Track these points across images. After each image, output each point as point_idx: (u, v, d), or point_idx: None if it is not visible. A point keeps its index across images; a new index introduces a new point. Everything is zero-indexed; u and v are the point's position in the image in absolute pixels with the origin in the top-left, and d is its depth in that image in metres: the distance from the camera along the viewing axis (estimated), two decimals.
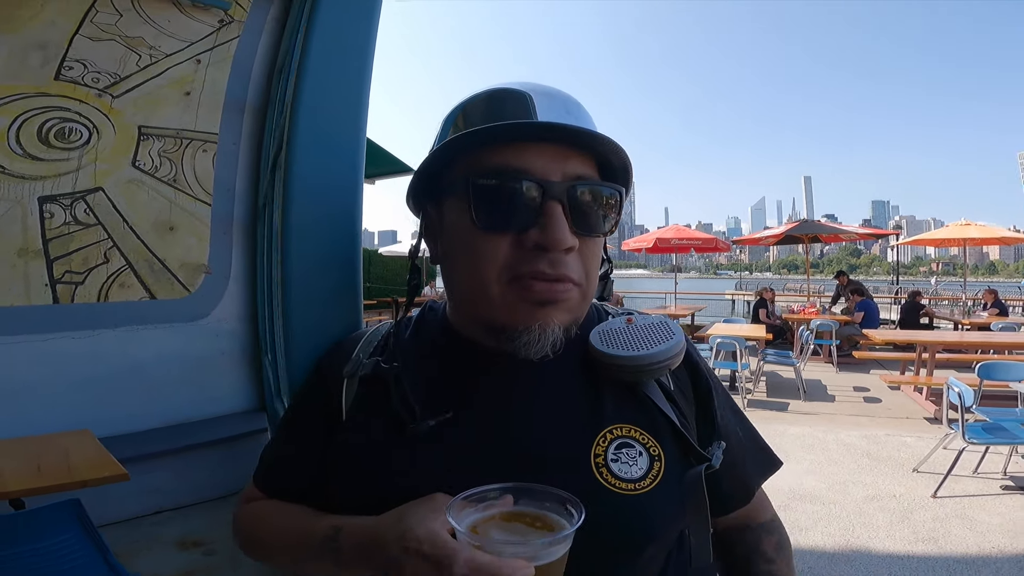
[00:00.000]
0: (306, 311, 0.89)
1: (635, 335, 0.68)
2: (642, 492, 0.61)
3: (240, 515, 0.75)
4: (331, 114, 0.84)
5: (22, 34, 1.32)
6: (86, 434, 1.72)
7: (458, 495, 0.51)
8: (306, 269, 0.89)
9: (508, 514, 0.51)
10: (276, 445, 0.77)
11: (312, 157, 0.86)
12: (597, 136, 0.61)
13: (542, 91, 0.65)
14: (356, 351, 0.73)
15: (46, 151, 1.51)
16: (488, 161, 0.61)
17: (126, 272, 1.79)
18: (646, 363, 0.64)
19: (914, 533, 3.11)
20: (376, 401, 0.67)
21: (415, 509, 0.53)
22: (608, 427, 0.64)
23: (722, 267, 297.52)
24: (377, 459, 0.64)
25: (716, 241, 12.47)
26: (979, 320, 8.82)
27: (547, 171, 0.60)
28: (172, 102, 1.60)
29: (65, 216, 1.60)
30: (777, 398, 6.20)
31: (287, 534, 0.66)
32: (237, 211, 2.03)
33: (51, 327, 1.72)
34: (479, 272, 0.61)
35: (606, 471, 0.61)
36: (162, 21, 1.47)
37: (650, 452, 0.63)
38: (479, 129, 0.60)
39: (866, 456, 4.31)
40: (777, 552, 0.78)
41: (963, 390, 3.45)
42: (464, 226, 0.62)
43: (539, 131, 0.61)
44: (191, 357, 2.20)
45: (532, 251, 0.60)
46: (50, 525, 1.50)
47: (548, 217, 0.59)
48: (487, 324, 0.65)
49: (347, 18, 0.84)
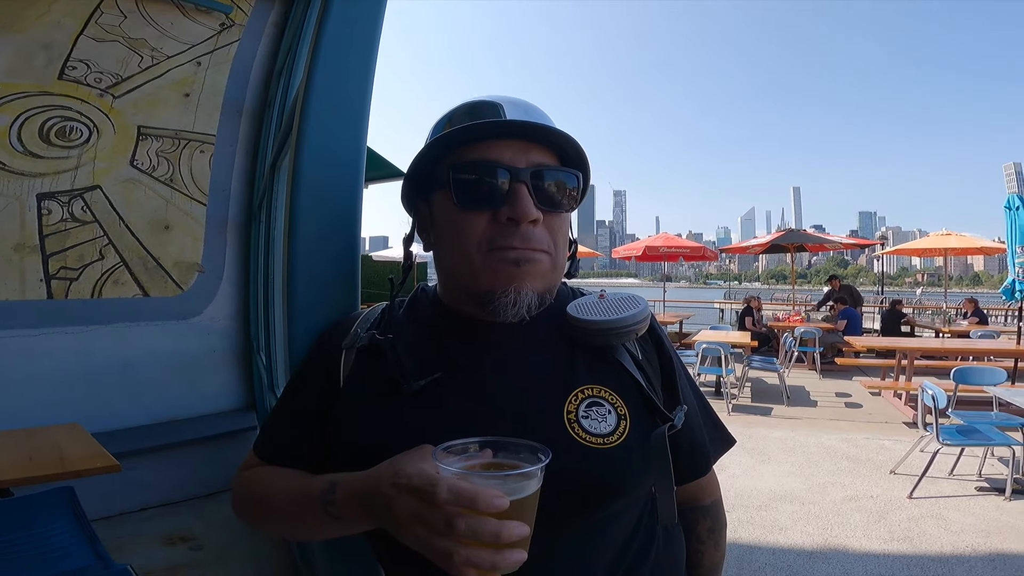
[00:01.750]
0: (308, 308, 0.95)
1: (606, 306, 0.78)
2: (611, 446, 0.68)
3: (238, 481, 0.80)
4: (337, 118, 0.90)
5: (28, 34, 1.36)
6: (76, 428, 1.74)
7: (441, 444, 0.57)
8: (310, 267, 0.95)
9: (487, 464, 0.57)
10: (277, 415, 0.83)
11: (315, 163, 0.92)
12: (552, 131, 0.73)
13: (510, 100, 0.78)
14: (355, 326, 0.81)
15: (46, 149, 1.55)
16: (466, 156, 0.73)
17: (120, 269, 1.83)
18: (614, 326, 0.73)
19: (890, 532, 3.19)
20: (372, 369, 0.74)
21: (406, 456, 0.60)
22: (580, 387, 0.72)
23: (711, 277, 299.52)
24: (371, 417, 0.71)
25: (704, 250, 12.61)
26: (959, 328, 8.99)
27: (514, 160, 0.72)
28: (171, 103, 1.64)
29: (62, 213, 1.64)
30: (761, 403, 6.30)
31: (284, 493, 0.71)
32: (232, 212, 2.07)
33: (45, 322, 1.75)
34: (463, 245, 0.72)
35: (577, 426, 0.68)
36: (165, 23, 1.52)
37: (617, 411, 0.71)
38: (456, 129, 0.72)
39: (845, 458, 4.40)
40: (708, 534, 0.87)
41: (937, 393, 3.55)
42: (450, 210, 0.73)
43: (506, 128, 0.72)
44: (182, 355, 2.23)
45: (505, 225, 0.70)
46: (41, 512, 1.52)
47: (516, 195, 0.70)
48: (472, 292, 0.73)
49: (353, 25, 0.90)
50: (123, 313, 1.91)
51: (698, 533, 0.86)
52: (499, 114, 0.75)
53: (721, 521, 0.88)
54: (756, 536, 3.18)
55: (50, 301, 1.70)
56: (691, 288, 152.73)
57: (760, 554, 2.98)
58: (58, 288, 1.67)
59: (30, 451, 1.61)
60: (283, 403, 0.82)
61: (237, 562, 2.39)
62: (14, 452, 1.63)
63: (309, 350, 0.85)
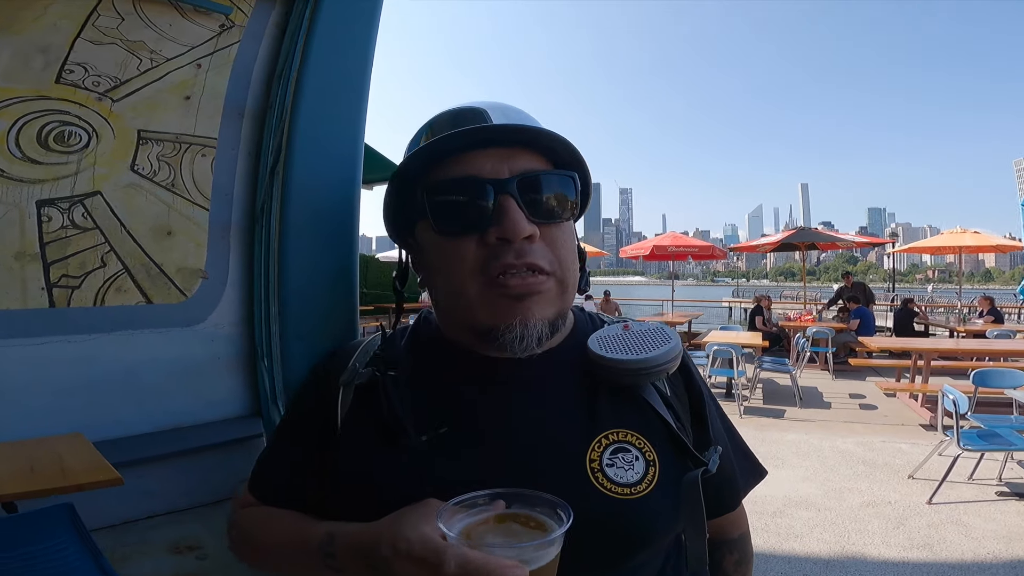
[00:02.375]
0: (302, 318, 0.89)
1: (632, 340, 0.69)
2: (638, 496, 0.61)
3: (235, 520, 0.75)
4: (329, 121, 0.85)
5: (25, 37, 1.33)
6: (79, 438, 1.71)
7: (449, 501, 0.52)
8: (302, 277, 0.90)
9: (501, 515, 0.51)
10: (271, 452, 0.78)
11: (310, 164, 0.86)
12: (534, 130, 0.64)
13: (489, 104, 0.68)
14: (352, 360, 0.74)
15: (45, 155, 1.51)
16: (439, 176, 0.65)
17: (123, 276, 1.79)
18: (644, 366, 0.65)
19: (909, 540, 3.12)
20: (371, 410, 0.67)
21: (408, 515, 0.54)
22: (604, 432, 0.65)
23: (719, 274, 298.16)
24: (371, 465, 0.64)
25: (713, 249, 12.52)
26: (975, 327, 8.84)
27: (496, 171, 0.63)
28: (172, 106, 1.61)
29: (63, 220, 1.60)
30: (773, 405, 6.21)
31: (282, 540, 0.67)
32: (235, 216, 2.03)
33: (47, 331, 1.72)
34: (453, 277, 0.64)
35: (601, 476, 0.62)
36: (163, 25, 1.48)
37: (646, 456, 0.64)
38: (422, 148, 0.63)
39: (862, 463, 4.32)
40: (735, 568, 0.80)
41: (957, 397, 3.46)
42: (433, 240, 0.66)
43: (480, 135, 0.64)
44: (187, 362, 2.20)
45: (497, 246, 0.62)
46: (44, 529, 1.49)
47: (502, 211, 0.62)
48: (472, 328, 0.66)
49: (347, 25, 0.85)
50: (126, 321, 1.87)
51: (725, 569, 0.79)
52: (483, 121, 0.66)
53: (748, 555, 0.82)
54: (771, 544, 3.11)
55: (52, 310, 1.66)
56: (699, 286, 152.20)
57: (775, 563, 2.91)
58: (60, 296, 1.64)
59: (32, 463, 1.58)
60: (278, 440, 0.77)
61: (243, 571, 2.36)
62: (16, 464, 1.60)
63: (305, 383, 0.79)
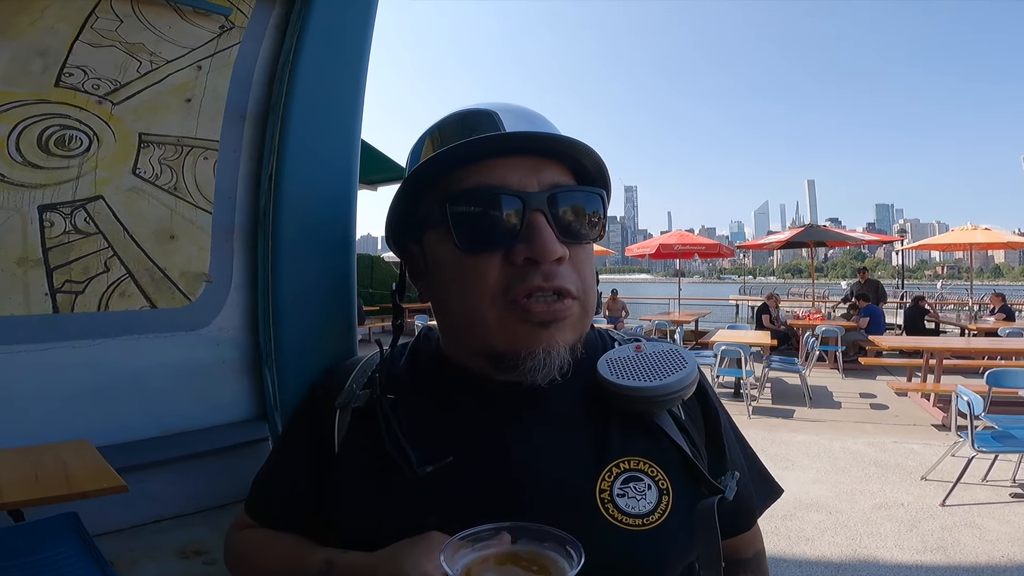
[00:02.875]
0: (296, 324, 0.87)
1: (645, 363, 0.66)
2: (650, 527, 0.59)
3: (232, 543, 0.73)
4: (322, 123, 0.82)
5: (23, 40, 1.31)
6: (84, 444, 1.71)
7: (453, 536, 0.49)
8: (296, 284, 0.87)
9: (504, 555, 0.48)
10: (268, 474, 0.75)
11: (302, 167, 0.84)
12: (567, 141, 0.59)
13: (506, 108, 0.64)
14: (349, 381, 0.71)
15: (46, 159, 1.50)
16: (461, 183, 0.59)
17: (126, 281, 1.78)
18: (659, 394, 0.62)
19: (923, 542, 3.07)
20: (370, 436, 0.64)
21: (409, 550, 0.52)
22: (615, 460, 0.62)
23: (725, 271, 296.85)
24: (373, 500, 0.62)
25: (720, 247, 12.44)
26: (986, 325, 8.74)
27: (524, 183, 0.59)
28: (173, 109, 1.59)
29: (65, 225, 1.59)
30: (782, 405, 6.16)
31: (279, 565, 0.65)
32: (238, 219, 2.02)
33: (51, 336, 1.71)
34: (471, 298, 0.59)
35: (612, 507, 0.59)
36: (163, 27, 1.46)
37: (659, 485, 0.61)
38: (444, 150, 0.58)
39: (873, 464, 4.26)
40: None
41: (972, 399, 3.41)
42: (449, 254, 0.60)
43: (509, 142, 0.59)
44: (192, 366, 2.19)
45: (523, 267, 0.58)
46: (48, 537, 1.48)
47: (533, 229, 0.57)
48: (487, 353, 0.62)
49: (339, 25, 0.82)
50: (130, 325, 1.86)
51: None
52: (496, 126, 0.61)
53: (763, 573, 0.79)
54: (781, 547, 3.07)
55: (56, 315, 1.65)
56: (705, 283, 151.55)
57: (786, 567, 2.87)
58: (64, 302, 1.63)
59: (36, 470, 1.58)
60: (275, 462, 0.75)
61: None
62: (21, 471, 1.60)
63: (302, 401, 0.76)
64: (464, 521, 0.51)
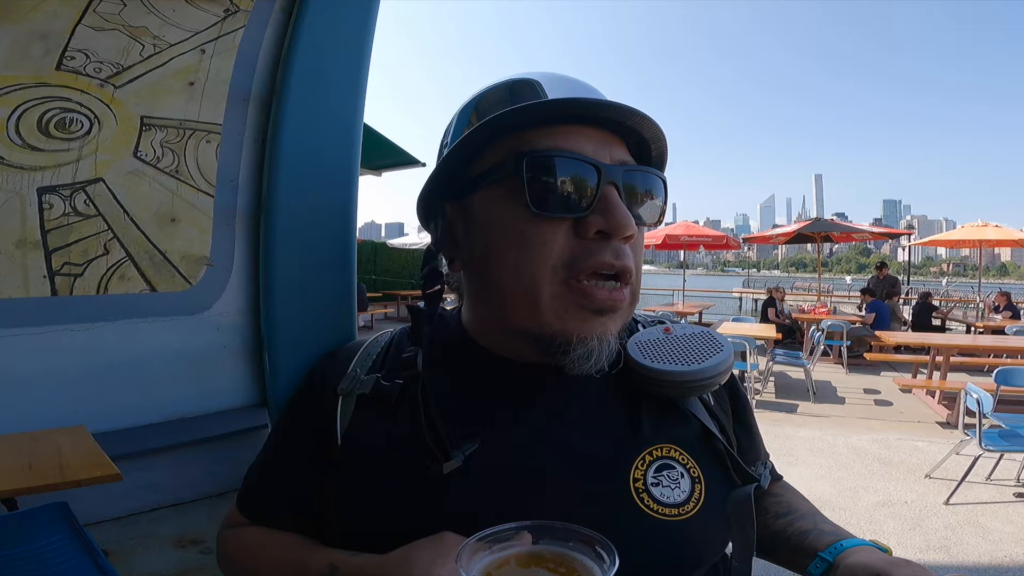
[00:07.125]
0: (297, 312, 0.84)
1: (677, 346, 0.62)
2: (686, 517, 0.56)
3: (224, 542, 0.70)
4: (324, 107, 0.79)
5: (24, 24, 1.29)
6: (81, 430, 1.69)
7: (470, 537, 0.44)
8: (296, 269, 0.84)
9: (526, 557, 0.44)
10: (262, 468, 0.72)
11: (304, 151, 0.81)
12: (645, 118, 0.56)
13: (555, 77, 0.60)
14: (352, 365, 0.67)
15: (46, 141, 1.48)
16: (537, 142, 0.55)
17: (126, 264, 1.76)
18: (696, 378, 0.59)
19: (926, 541, 3.06)
20: (378, 424, 0.61)
21: (420, 553, 0.48)
22: (648, 448, 0.59)
23: (730, 264, 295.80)
24: (380, 490, 0.58)
25: (726, 238, 12.37)
26: (992, 323, 8.69)
27: (598, 155, 0.56)
28: (175, 92, 1.57)
29: (64, 207, 1.57)
30: (786, 399, 6.13)
31: (276, 567, 0.61)
32: (240, 203, 1.99)
33: (49, 319, 1.69)
34: (531, 267, 0.55)
35: (647, 496, 0.56)
36: (166, 10, 1.44)
37: (691, 473, 0.58)
38: (528, 105, 0.54)
39: (877, 461, 4.24)
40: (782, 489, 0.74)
41: (982, 397, 3.37)
42: (512, 214, 0.56)
43: (590, 109, 0.55)
44: (192, 351, 2.16)
45: (592, 240, 0.54)
46: (40, 527, 1.47)
47: (608, 201, 0.54)
48: (532, 333, 0.57)
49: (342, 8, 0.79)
50: (130, 309, 1.84)
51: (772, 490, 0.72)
52: (536, 95, 0.58)
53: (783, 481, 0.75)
54: None
55: (55, 298, 1.63)
56: (709, 276, 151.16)
57: None
58: (62, 284, 1.61)
59: (31, 458, 1.57)
60: (269, 455, 0.70)
61: None
62: (14, 459, 1.59)
63: (299, 389, 0.71)
64: (491, 521, 0.46)
